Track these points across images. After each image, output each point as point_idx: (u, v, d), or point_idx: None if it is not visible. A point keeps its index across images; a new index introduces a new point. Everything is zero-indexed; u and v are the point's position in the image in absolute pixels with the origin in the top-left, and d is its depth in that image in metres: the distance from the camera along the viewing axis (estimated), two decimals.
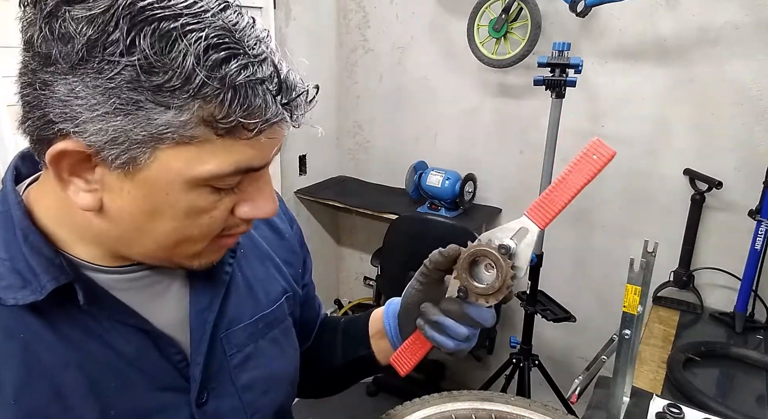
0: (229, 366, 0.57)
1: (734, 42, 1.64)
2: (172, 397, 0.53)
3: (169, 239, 0.47)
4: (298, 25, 2.26)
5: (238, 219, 0.49)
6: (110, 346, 0.49)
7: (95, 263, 0.50)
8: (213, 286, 0.57)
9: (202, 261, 0.51)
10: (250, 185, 0.48)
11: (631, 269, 0.78)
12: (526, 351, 1.93)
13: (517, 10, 1.90)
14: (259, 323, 0.62)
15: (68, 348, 0.47)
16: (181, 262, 0.50)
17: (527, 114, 2.07)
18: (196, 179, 0.43)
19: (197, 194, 0.45)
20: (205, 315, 0.56)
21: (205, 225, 0.47)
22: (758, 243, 1.57)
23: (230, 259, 0.59)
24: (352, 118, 2.59)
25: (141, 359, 0.51)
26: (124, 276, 0.51)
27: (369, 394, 2.49)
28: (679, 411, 0.93)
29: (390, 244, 2.08)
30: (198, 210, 0.46)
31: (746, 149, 1.70)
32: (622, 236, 2.00)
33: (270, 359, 0.62)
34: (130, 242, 0.48)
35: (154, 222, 0.45)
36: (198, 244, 0.49)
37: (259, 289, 0.63)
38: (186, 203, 0.45)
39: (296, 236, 0.73)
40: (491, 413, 0.81)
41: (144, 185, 0.43)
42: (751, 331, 1.62)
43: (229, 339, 0.58)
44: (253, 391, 0.59)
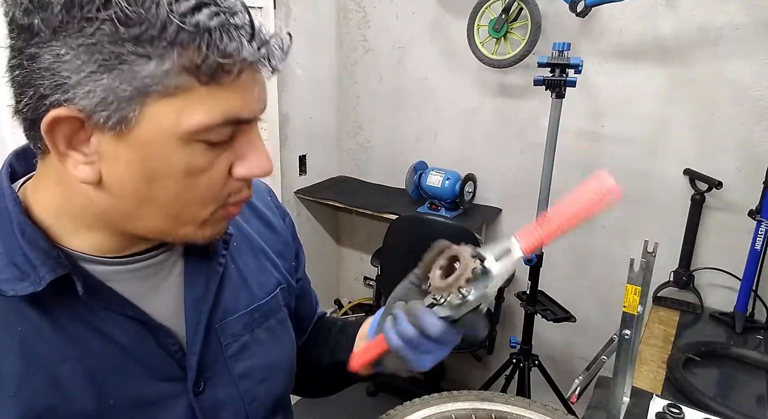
0: (225, 356, 0.58)
1: (734, 42, 1.64)
2: (169, 387, 0.54)
3: (171, 205, 0.47)
4: (298, 25, 2.26)
5: (237, 183, 0.49)
6: (108, 337, 0.50)
7: (92, 254, 0.50)
8: (207, 277, 0.58)
9: (206, 233, 0.51)
10: (242, 143, 0.48)
11: (631, 269, 0.78)
12: (526, 351, 1.93)
13: (517, 10, 1.90)
14: (255, 313, 0.62)
15: (66, 339, 0.48)
16: (187, 235, 0.50)
17: (527, 114, 2.07)
18: (187, 132, 0.44)
19: (192, 151, 0.45)
20: (199, 304, 0.57)
21: (204, 187, 0.47)
22: (758, 243, 1.57)
23: (223, 250, 0.60)
24: (352, 118, 2.59)
25: (138, 349, 0.52)
26: (122, 267, 0.52)
27: (369, 394, 2.49)
28: (679, 411, 0.93)
29: (390, 244, 2.08)
30: (195, 170, 0.46)
31: (746, 149, 1.70)
32: (622, 236, 2.00)
33: (266, 348, 0.63)
34: (134, 216, 0.48)
35: (154, 188, 0.46)
36: (202, 210, 0.49)
37: (253, 281, 0.64)
38: (182, 163, 0.45)
39: (288, 229, 0.74)
40: (491, 413, 0.81)
41: (138, 148, 0.44)
42: (751, 331, 1.62)
43: (224, 329, 0.59)
44: (249, 380, 0.60)
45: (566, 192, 0.51)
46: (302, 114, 2.39)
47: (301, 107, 2.37)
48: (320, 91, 2.49)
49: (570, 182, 2.03)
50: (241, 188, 0.50)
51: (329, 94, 2.56)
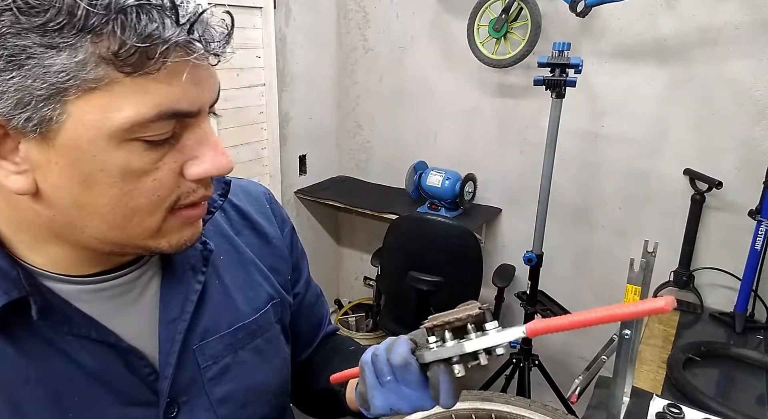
0: (203, 379, 0.55)
1: (734, 42, 1.64)
2: (139, 412, 0.50)
3: (114, 212, 0.42)
4: (298, 25, 2.26)
5: (191, 184, 0.45)
6: (72, 359, 0.47)
7: (57, 272, 0.47)
8: (185, 296, 0.54)
9: (171, 241, 0.46)
10: (189, 139, 0.43)
11: (631, 269, 0.78)
12: (526, 351, 1.93)
13: (517, 10, 1.90)
14: (239, 333, 0.58)
15: (28, 361, 0.45)
16: (146, 245, 0.45)
17: (527, 114, 2.07)
18: (118, 130, 0.39)
19: (128, 151, 0.40)
20: (174, 325, 0.53)
21: (150, 191, 0.42)
22: (758, 243, 1.57)
23: (203, 267, 0.56)
24: (352, 118, 2.59)
25: (105, 372, 0.48)
26: (89, 287, 0.48)
27: None
28: (679, 411, 0.93)
29: (390, 244, 2.08)
30: (135, 172, 0.41)
31: (746, 149, 1.70)
32: (622, 236, 2.00)
33: (251, 370, 0.59)
34: (80, 227, 0.43)
35: (91, 194, 0.41)
36: (152, 217, 0.44)
37: (239, 297, 0.59)
38: (118, 164, 0.40)
39: (287, 240, 0.69)
40: (491, 413, 0.81)
41: (67, 151, 0.40)
42: (751, 331, 1.62)
43: (203, 351, 0.55)
44: (229, 404, 0.56)
45: (566, 192, 0.50)
46: (302, 114, 2.39)
47: (301, 107, 2.37)
48: (320, 91, 2.49)
49: (570, 182, 2.03)
50: (195, 189, 0.45)
51: (329, 94, 2.56)
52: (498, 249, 2.32)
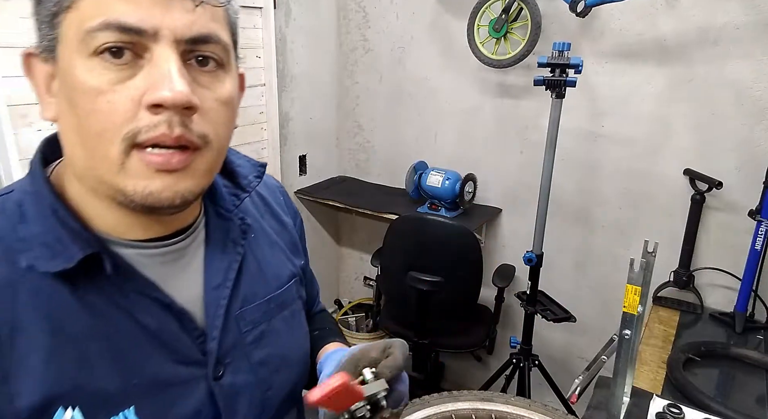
0: (244, 343, 0.59)
1: (734, 42, 1.64)
2: (190, 371, 0.54)
3: (81, 135, 0.44)
4: (298, 25, 2.26)
5: (151, 117, 0.43)
6: (134, 318, 0.50)
7: (119, 237, 0.51)
8: (227, 265, 0.59)
9: (137, 186, 0.45)
10: (150, 69, 0.44)
11: (631, 269, 0.78)
12: (526, 351, 1.93)
13: (517, 10, 1.90)
14: (271, 303, 0.63)
15: (94, 317, 0.48)
16: (115, 183, 0.45)
17: (527, 114, 2.08)
18: (80, 42, 0.43)
19: (90, 69, 0.43)
20: (219, 291, 0.57)
21: (105, 112, 0.43)
22: (758, 243, 1.57)
23: (242, 240, 0.61)
24: (352, 118, 2.59)
25: (163, 332, 0.52)
26: (147, 251, 0.53)
27: None
28: (679, 411, 0.93)
29: (390, 244, 2.08)
30: (93, 90, 0.43)
31: (746, 149, 1.70)
32: (622, 236, 2.00)
33: (282, 338, 0.63)
34: (77, 159, 0.47)
35: (73, 115, 0.44)
36: (111, 146, 0.44)
37: (269, 272, 0.64)
38: (82, 81, 0.43)
39: (298, 230, 0.75)
40: (491, 413, 0.81)
41: (62, 73, 0.45)
42: (751, 331, 1.62)
43: (243, 317, 0.59)
44: (266, 368, 0.60)
45: (566, 192, 0.51)
46: (302, 114, 2.39)
47: (301, 107, 2.37)
48: (320, 91, 2.49)
49: (570, 182, 2.03)
50: (156, 124, 0.43)
51: (329, 94, 2.56)
52: (498, 249, 2.33)
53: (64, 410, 0.45)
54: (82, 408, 0.46)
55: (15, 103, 1.35)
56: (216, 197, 0.60)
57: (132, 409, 0.49)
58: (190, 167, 0.47)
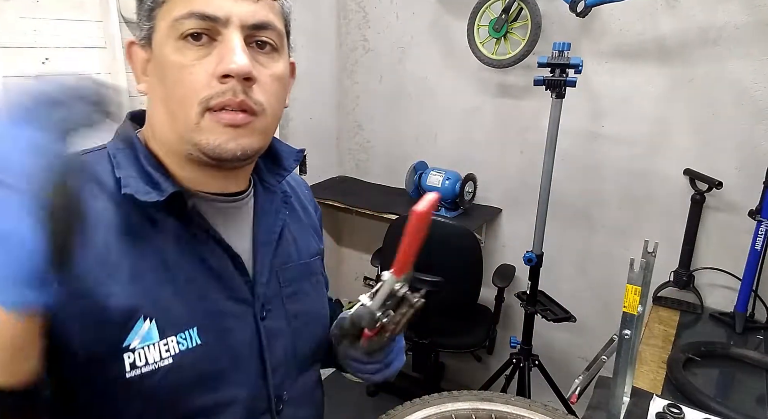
0: (282, 295, 0.69)
1: (734, 42, 1.64)
2: (242, 307, 0.63)
3: (168, 102, 0.56)
4: (298, 25, 2.24)
5: (220, 85, 0.54)
6: (200, 255, 0.60)
7: (194, 188, 0.62)
8: (271, 227, 0.69)
9: (210, 139, 0.56)
10: (221, 47, 0.55)
11: (631, 269, 0.78)
12: (526, 351, 1.93)
13: (517, 10, 1.90)
14: (303, 268, 0.73)
15: (170, 249, 0.58)
16: (193, 138, 0.56)
17: (527, 114, 2.07)
18: (169, 28, 0.54)
19: (177, 49, 0.55)
20: (266, 247, 0.68)
21: (188, 83, 0.54)
22: (758, 243, 1.57)
23: (284, 209, 0.72)
24: (352, 118, 2.59)
25: (222, 270, 0.62)
26: (213, 204, 0.63)
27: (369, 394, 2.49)
28: (679, 411, 0.93)
29: (390, 244, 2.08)
30: (180, 66, 0.54)
31: (746, 149, 1.70)
32: (622, 236, 2.00)
33: (310, 299, 0.73)
34: (159, 124, 0.59)
35: (162, 87, 0.56)
36: (191, 110, 0.55)
37: (301, 243, 0.75)
38: (172, 60, 0.55)
39: (319, 222, 0.85)
40: (491, 413, 0.81)
41: (156, 55, 0.57)
42: (751, 331, 1.62)
43: (283, 273, 0.70)
44: (297, 320, 0.70)
45: (566, 192, 0.51)
46: (302, 114, 2.39)
47: (301, 107, 2.37)
48: (320, 91, 2.49)
49: (570, 182, 2.03)
50: (224, 91, 0.54)
51: (329, 94, 2.56)
52: (498, 249, 2.32)
53: (143, 321, 0.55)
54: (157, 322, 0.56)
55: None
56: (262, 174, 0.72)
57: (195, 329, 0.58)
58: (250, 126, 0.57)
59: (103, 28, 1.51)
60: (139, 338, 0.54)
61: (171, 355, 0.56)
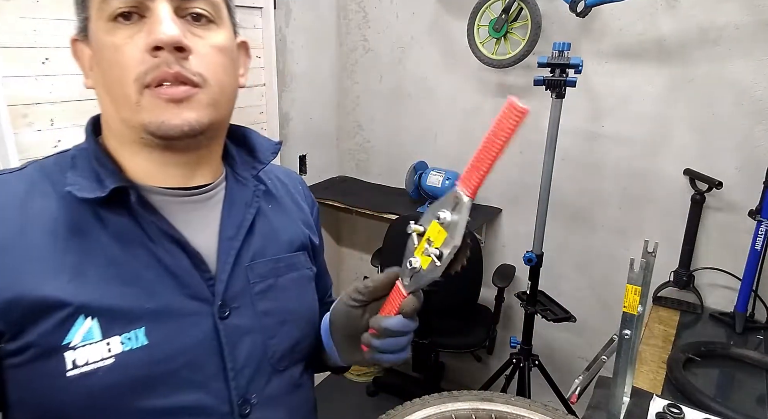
0: (251, 292, 0.65)
1: (734, 42, 1.64)
2: (198, 305, 0.60)
3: (107, 85, 0.56)
4: (298, 25, 2.26)
5: (153, 59, 0.53)
6: (151, 251, 0.58)
7: (149, 183, 0.60)
8: (240, 221, 0.66)
9: (152, 118, 0.55)
10: (149, 21, 0.54)
11: (631, 269, 0.78)
12: (526, 351, 1.93)
13: (517, 10, 1.90)
14: (280, 262, 0.70)
15: (117, 245, 0.57)
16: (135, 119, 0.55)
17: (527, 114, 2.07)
18: (98, 12, 0.54)
19: (109, 31, 0.54)
20: (231, 242, 0.65)
21: (122, 62, 0.53)
22: (758, 243, 1.57)
23: (255, 203, 0.69)
24: (352, 118, 2.59)
25: (176, 267, 0.59)
26: (170, 198, 0.61)
27: (369, 394, 2.49)
28: (679, 411, 0.93)
29: (390, 244, 2.08)
30: (113, 47, 0.54)
31: (746, 149, 1.70)
32: (622, 236, 2.00)
33: (288, 295, 0.70)
34: (105, 110, 0.59)
35: (100, 72, 0.56)
36: (128, 88, 0.54)
37: (281, 236, 0.72)
38: (106, 43, 0.54)
39: (315, 218, 0.82)
40: (491, 413, 0.81)
41: (92, 43, 0.56)
42: (751, 331, 1.62)
43: (253, 269, 0.66)
44: (270, 317, 0.67)
45: (566, 192, 0.51)
46: (302, 114, 2.39)
47: (301, 107, 2.37)
48: (320, 91, 2.49)
49: (570, 182, 2.03)
50: (158, 64, 0.53)
51: (329, 94, 2.56)
52: (498, 249, 2.33)
53: (84, 319, 0.54)
54: (99, 320, 0.54)
55: (15, 103, 1.34)
56: (235, 166, 0.70)
57: (143, 329, 0.56)
58: (194, 99, 0.56)
59: None
60: (80, 336, 0.53)
61: (113, 355, 0.54)
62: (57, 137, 1.45)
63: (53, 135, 1.44)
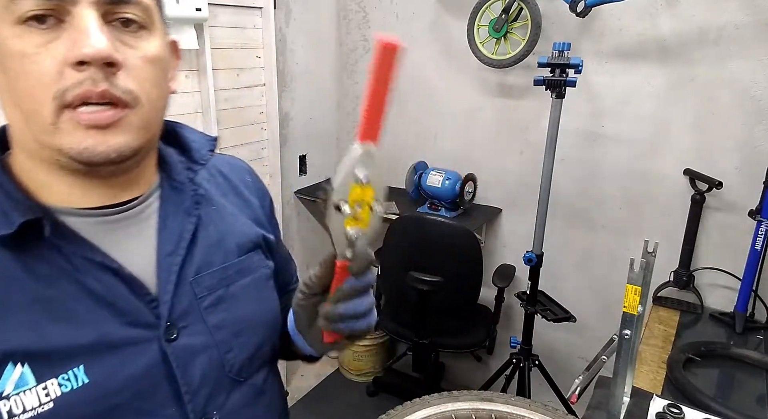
0: (200, 308, 0.60)
1: (734, 42, 1.64)
2: (141, 332, 0.55)
3: (13, 97, 0.48)
4: (298, 25, 2.26)
5: (76, 75, 0.46)
6: (79, 282, 0.52)
7: (68, 206, 0.53)
8: (179, 233, 0.60)
9: (72, 144, 0.48)
10: (72, 30, 0.46)
11: (631, 269, 0.78)
12: (526, 351, 1.93)
13: (517, 10, 1.90)
14: (229, 270, 0.65)
15: (39, 282, 0.51)
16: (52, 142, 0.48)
17: (527, 114, 2.08)
18: (4, 10, 0.45)
19: (17, 35, 0.46)
20: (171, 258, 0.59)
21: (33, 74, 0.46)
22: (758, 243, 1.57)
23: (195, 210, 0.62)
24: (352, 118, 2.59)
25: (110, 295, 0.54)
26: (93, 219, 0.55)
27: (369, 394, 2.49)
28: (679, 411, 0.93)
29: (390, 244, 2.08)
30: (20, 54, 0.46)
31: (746, 149, 1.70)
32: (622, 236, 2.00)
33: (242, 303, 0.65)
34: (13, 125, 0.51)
35: (7, 83, 0.47)
36: (43, 107, 0.46)
37: (228, 241, 0.66)
38: (10, 47, 0.46)
39: (266, 210, 0.76)
40: (491, 413, 0.81)
41: None
42: (751, 331, 1.62)
43: (199, 283, 0.61)
44: (223, 331, 0.62)
45: (566, 192, 0.51)
46: (302, 114, 2.39)
47: (301, 107, 2.37)
48: (320, 91, 2.49)
49: (570, 182, 2.03)
50: (81, 81, 0.46)
51: (329, 94, 2.56)
52: (498, 249, 2.33)
53: (14, 366, 0.49)
54: (31, 365, 0.49)
55: None
56: (170, 170, 0.63)
57: (81, 367, 0.51)
58: (122, 122, 0.49)
59: None
60: (11, 384, 0.48)
61: (52, 399, 0.50)
62: None
63: None
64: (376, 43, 0.46)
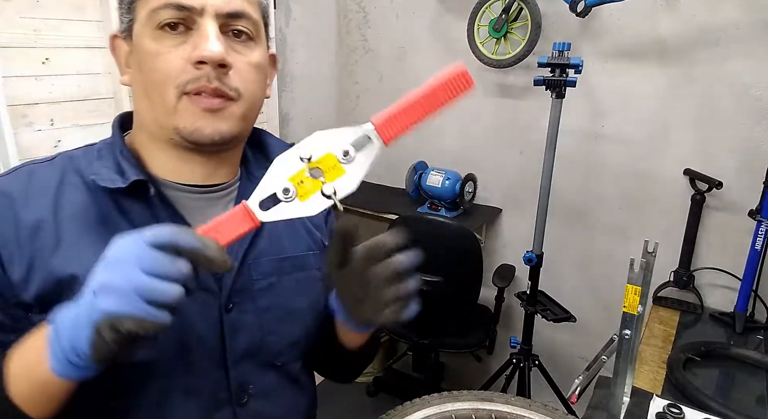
0: (253, 289, 0.68)
1: (734, 42, 1.64)
2: (207, 296, 0.64)
3: (146, 88, 0.59)
4: (298, 25, 2.26)
5: (195, 71, 0.57)
6: None
7: (169, 179, 0.64)
8: None
9: (186, 123, 0.58)
10: (196, 35, 0.57)
11: (631, 270, 0.78)
12: (526, 351, 1.93)
13: (517, 10, 1.90)
14: (285, 262, 0.72)
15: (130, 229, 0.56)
16: (170, 122, 0.59)
17: (527, 114, 2.07)
18: (147, 19, 0.57)
19: (154, 38, 0.57)
20: (238, 241, 0.63)
21: (164, 69, 0.57)
22: (758, 243, 1.57)
23: None
24: (352, 118, 2.59)
25: None
26: (187, 194, 0.65)
27: (369, 394, 2.49)
28: (679, 411, 0.93)
29: None
30: (156, 53, 0.57)
31: (746, 149, 1.70)
32: (622, 237, 2.00)
33: (290, 294, 0.71)
34: (141, 111, 0.62)
35: (140, 75, 0.59)
36: (167, 94, 0.57)
37: (291, 235, 0.74)
38: (149, 49, 0.57)
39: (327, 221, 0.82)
40: (491, 413, 0.81)
41: (135, 45, 0.60)
42: (751, 331, 1.62)
43: (256, 267, 0.68)
44: (269, 315, 0.69)
45: (566, 192, 0.51)
46: (302, 114, 2.39)
47: (301, 107, 2.37)
48: (320, 91, 2.49)
49: (570, 183, 2.03)
50: (199, 77, 0.57)
51: (329, 95, 2.56)
52: (498, 249, 2.33)
53: None
54: None
55: (15, 103, 1.34)
56: (249, 166, 0.73)
57: None
58: (227, 111, 0.60)
59: (103, 28, 1.51)
60: None
61: None
62: (57, 137, 1.45)
63: (53, 135, 1.44)
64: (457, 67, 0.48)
